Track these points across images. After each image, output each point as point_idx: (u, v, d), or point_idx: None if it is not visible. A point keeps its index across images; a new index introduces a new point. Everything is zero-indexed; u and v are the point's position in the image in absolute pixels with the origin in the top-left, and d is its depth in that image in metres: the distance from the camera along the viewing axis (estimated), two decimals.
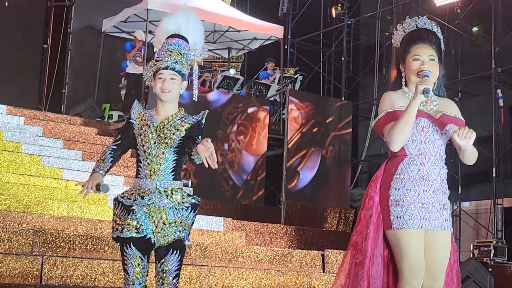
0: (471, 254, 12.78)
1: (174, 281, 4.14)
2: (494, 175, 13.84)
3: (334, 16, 18.27)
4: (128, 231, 4.14)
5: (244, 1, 20.07)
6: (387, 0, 18.61)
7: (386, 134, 4.11)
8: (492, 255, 12.66)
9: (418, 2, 16.67)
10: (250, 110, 13.50)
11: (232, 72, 16.71)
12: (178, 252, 4.15)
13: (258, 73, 16.14)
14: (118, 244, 4.23)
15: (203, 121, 4.37)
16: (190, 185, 10.88)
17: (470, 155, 4.14)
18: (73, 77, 16.17)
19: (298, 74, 16.19)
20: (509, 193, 15.17)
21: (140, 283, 4.14)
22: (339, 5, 18.16)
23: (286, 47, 17.82)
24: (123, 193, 4.28)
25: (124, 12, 15.14)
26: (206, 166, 3.96)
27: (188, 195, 4.31)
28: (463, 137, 4.02)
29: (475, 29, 18.51)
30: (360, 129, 19.40)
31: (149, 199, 4.16)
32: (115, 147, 4.35)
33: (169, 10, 14.53)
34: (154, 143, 4.25)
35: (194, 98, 4.50)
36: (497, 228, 13.90)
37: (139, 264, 4.15)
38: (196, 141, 4.11)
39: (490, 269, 10.97)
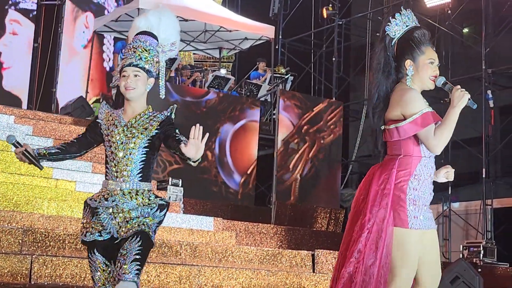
0: (461, 255, 12.80)
1: (132, 265, 3.88)
2: (484, 176, 13.87)
3: (325, 16, 18.27)
4: (91, 234, 4.05)
5: (235, 1, 20.07)
6: (378, 0, 18.63)
7: (433, 137, 4.09)
8: (481, 255, 12.68)
9: (409, 3, 16.68)
10: (241, 110, 13.50)
11: (223, 72, 16.69)
12: (138, 238, 3.96)
13: (249, 73, 16.14)
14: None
15: (173, 116, 4.27)
16: (180, 185, 10.86)
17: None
18: (64, 76, 16.13)
19: (289, 74, 16.18)
20: (499, 194, 15.22)
21: None
22: (330, 5, 18.16)
23: (277, 47, 17.80)
24: (92, 195, 4.20)
25: (115, 11, 15.12)
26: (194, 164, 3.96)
27: (156, 197, 4.18)
28: (447, 177, 4.36)
29: (465, 30, 18.55)
30: (350, 129, 19.41)
31: (113, 201, 4.06)
32: (74, 140, 4.27)
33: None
34: (122, 143, 4.15)
35: (160, 96, 4.40)
36: (487, 228, 13.93)
37: (104, 270, 4.05)
38: (177, 138, 4.05)
39: (479, 270, 10.99)
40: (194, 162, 4.00)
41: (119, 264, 3.91)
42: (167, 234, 8.43)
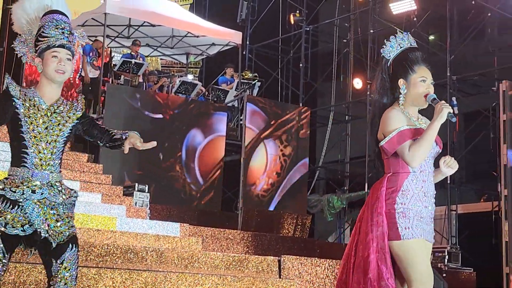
0: None
1: (74, 274, 3.84)
2: (449, 182, 14.01)
3: (292, 22, 18.35)
4: (13, 227, 3.79)
5: (203, 6, 20.06)
6: (345, 7, 18.74)
7: (408, 152, 4.19)
8: (446, 260, 12.80)
9: (376, 10, 16.82)
10: (208, 115, 13.49)
11: (190, 77, 16.68)
12: (76, 247, 3.88)
13: (216, 78, 16.14)
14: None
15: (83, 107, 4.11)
16: (147, 190, 10.81)
17: (440, 178, 4.46)
18: (30, 81, 15.99)
19: (256, 80, 16.21)
20: (463, 199, 15.38)
21: None
22: (298, 11, 18.24)
23: (244, 53, 17.84)
24: (3, 186, 3.84)
25: (82, 16, 15.01)
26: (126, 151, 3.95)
27: (71, 189, 4.02)
28: (448, 165, 4.36)
29: (431, 37, 18.73)
30: (318, 135, 19.48)
31: (42, 194, 3.84)
32: None
33: (127, 14, 14.56)
34: (46, 128, 3.91)
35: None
36: (451, 234, 14.07)
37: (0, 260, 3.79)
38: (106, 129, 4.01)
39: (444, 275, 11.10)
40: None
41: (60, 276, 3.83)
42: (133, 240, 8.39)
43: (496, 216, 13.87)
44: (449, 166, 4.38)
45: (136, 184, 10.81)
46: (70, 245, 3.87)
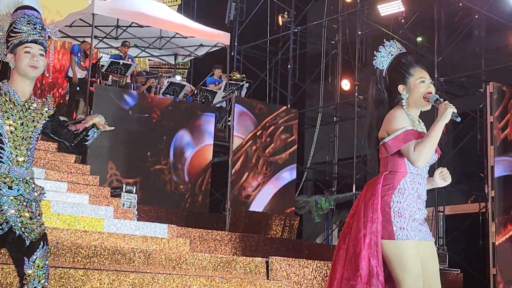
0: None
1: (47, 272, 3.86)
2: None
3: (280, 24, 18.35)
4: None
5: (191, 7, 20.03)
6: (333, 9, 18.76)
7: (413, 152, 4.19)
8: None
9: (364, 12, 16.85)
10: (196, 116, 13.48)
11: (178, 78, 16.66)
12: (47, 244, 3.87)
13: (205, 79, 16.13)
14: (59, 250, 4.07)
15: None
16: (134, 192, 10.79)
17: (429, 187, 4.51)
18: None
19: (244, 81, 16.21)
20: (451, 201, 15.41)
21: None
22: (286, 13, 18.25)
23: (232, 54, 17.84)
24: None
25: (70, 16, 14.98)
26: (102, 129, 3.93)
27: (40, 187, 4.02)
28: (442, 177, 4.46)
29: (419, 39, 18.78)
30: (306, 136, 19.49)
31: (18, 190, 3.82)
32: None
33: (115, 15, 14.53)
34: (22, 124, 3.90)
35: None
36: (439, 235, 14.10)
37: None
38: (69, 128, 4.00)
39: None
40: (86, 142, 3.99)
41: (34, 273, 3.82)
42: (120, 241, 8.37)
43: (483, 217, 13.93)
44: (443, 179, 4.47)
45: (124, 185, 10.79)
46: (42, 242, 3.86)
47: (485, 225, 13.06)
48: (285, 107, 15.10)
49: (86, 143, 4.05)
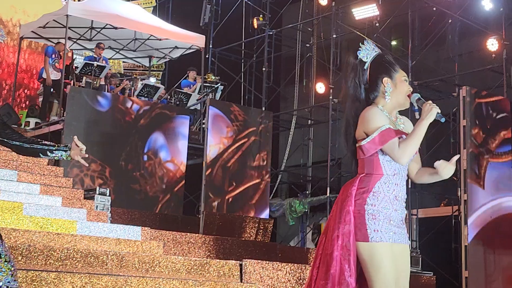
0: None
1: (15, 265, 3.86)
2: (409, 186, 14.12)
3: (255, 26, 18.37)
4: None
5: (166, 9, 19.99)
6: (308, 12, 18.82)
7: (398, 149, 4.19)
8: None
9: (339, 15, 16.92)
10: (170, 119, 13.44)
11: (152, 80, 16.62)
12: (2, 239, 3.85)
13: (179, 82, 16.10)
14: (31, 253, 4.04)
15: None
16: (108, 194, 10.73)
17: (433, 180, 4.50)
18: None
19: (219, 84, 16.20)
20: (424, 204, 15.52)
21: None
22: (261, 15, 18.27)
23: (207, 56, 17.82)
24: None
25: (43, 17, 14.88)
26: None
27: None
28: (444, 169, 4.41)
29: (393, 43, 18.90)
30: (280, 139, 19.53)
31: None
32: None
33: (89, 16, 14.46)
34: None
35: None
36: (412, 238, 14.17)
37: None
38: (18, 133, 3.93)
39: None
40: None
41: (4, 265, 3.81)
42: (93, 243, 8.32)
43: (455, 221, 14.03)
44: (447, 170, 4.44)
45: (97, 188, 10.73)
46: (0, 240, 3.85)
47: (457, 228, 13.15)
48: (259, 109, 15.10)
49: (44, 156, 3.99)
